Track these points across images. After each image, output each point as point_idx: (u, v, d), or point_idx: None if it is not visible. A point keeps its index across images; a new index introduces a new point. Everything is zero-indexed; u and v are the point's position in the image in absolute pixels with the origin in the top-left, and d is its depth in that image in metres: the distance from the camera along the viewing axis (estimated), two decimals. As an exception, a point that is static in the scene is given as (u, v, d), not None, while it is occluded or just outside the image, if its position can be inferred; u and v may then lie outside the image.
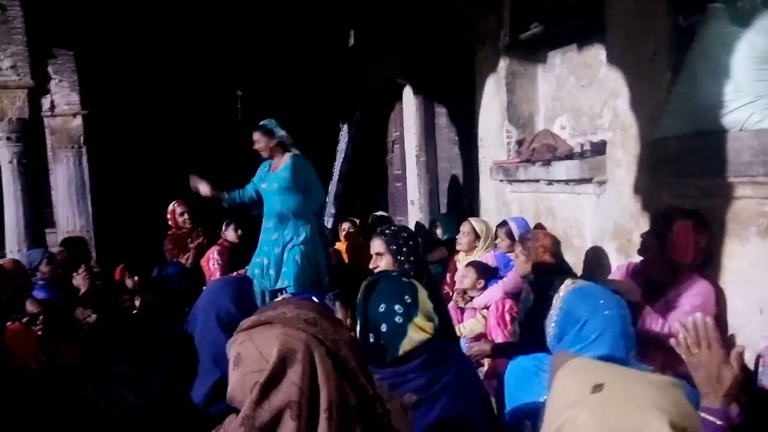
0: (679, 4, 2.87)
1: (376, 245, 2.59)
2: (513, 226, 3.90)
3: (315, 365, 1.02)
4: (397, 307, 1.63)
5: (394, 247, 2.49)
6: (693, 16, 2.83)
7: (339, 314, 2.76)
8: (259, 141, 4.12)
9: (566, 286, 1.94)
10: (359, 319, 1.71)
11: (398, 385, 1.55)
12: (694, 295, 2.51)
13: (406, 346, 1.60)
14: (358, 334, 1.69)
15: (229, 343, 1.09)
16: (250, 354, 1.03)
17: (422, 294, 1.70)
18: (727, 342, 1.62)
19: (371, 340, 1.63)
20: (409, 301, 1.65)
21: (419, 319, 1.63)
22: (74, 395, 2.02)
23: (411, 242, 2.55)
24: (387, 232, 2.52)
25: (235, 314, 1.83)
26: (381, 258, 2.51)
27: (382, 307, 1.64)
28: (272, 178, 4.13)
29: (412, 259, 2.56)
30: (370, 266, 2.64)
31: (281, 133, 4.16)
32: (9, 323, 2.54)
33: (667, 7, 2.88)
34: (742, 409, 1.48)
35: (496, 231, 4.10)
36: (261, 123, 4.21)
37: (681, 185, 2.80)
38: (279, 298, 3.20)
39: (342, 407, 1.01)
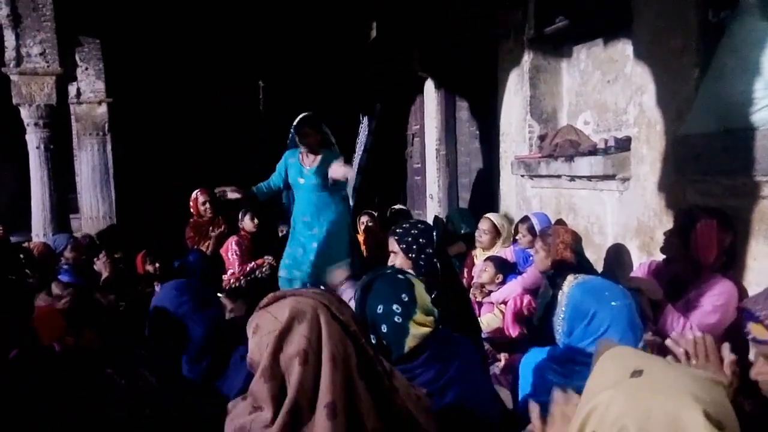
0: (709, -1, 2.82)
1: (390, 244, 2.62)
2: (535, 221, 3.88)
3: (321, 323, 1.14)
4: (395, 307, 1.62)
5: (404, 246, 2.50)
6: (723, 11, 2.78)
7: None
8: (310, 135, 4.07)
9: (569, 281, 1.95)
10: (361, 321, 1.71)
11: (409, 380, 1.53)
12: (716, 295, 2.48)
13: (410, 342, 1.60)
14: None
15: (249, 320, 1.20)
16: (265, 320, 1.16)
17: (419, 288, 1.69)
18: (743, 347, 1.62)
19: (373, 341, 1.63)
20: (406, 299, 1.63)
21: (419, 316, 1.63)
22: (95, 373, 2.06)
23: (422, 238, 2.55)
24: (398, 230, 2.53)
25: (181, 298, 1.96)
26: (396, 256, 2.52)
27: (380, 309, 1.63)
28: (311, 173, 4.12)
29: (423, 255, 2.55)
30: (389, 264, 2.65)
31: (326, 129, 4.16)
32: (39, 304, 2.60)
33: (696, 2, 2.83)
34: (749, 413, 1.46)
35: (516, 226, 4.08)
36: (308, 116, 4.13)
37: (706, 183, 2.76)
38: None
39: (344, 361, 1.13)
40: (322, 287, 3.11)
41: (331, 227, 4.12)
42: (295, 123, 4.16)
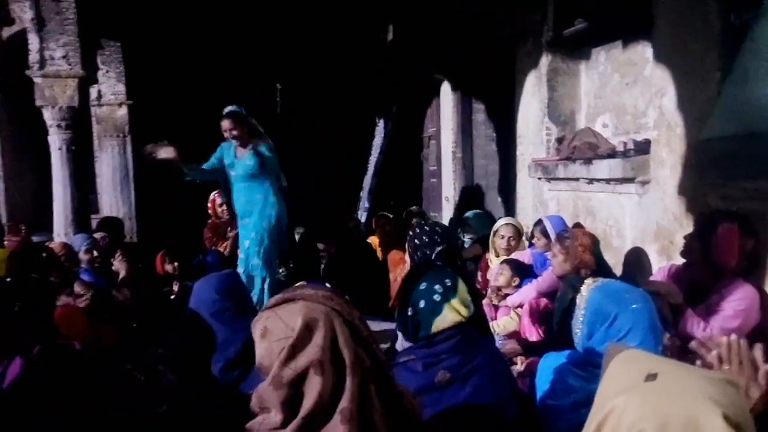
0: (732, 1, 2.78)
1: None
2: (548, 224, 3.84)
3: (335, 330, 1.14)
4: (437, 287, 1.75)
5: (410, 250, 2.61)
6: (746, 14, 2.74)
7: None
8: (234, 129, 4.16)
9: (588, 285, 1.95)
10: (403, 297, 1.84)
11: (432, 364, 1.67)
12: (737, 300, 2.45)
13: (439, 323, 1.71)
14: (398, 312, 1.84)
15: (254, 321, 1.20)
16: (276, 325, 1.15)
17: (462, 284, 1.81)
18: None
19: (409, 313, 1.76)
20: (449, 284, 1.76)
21: (456, 302, 1.74)
22: (114, 369, 2.10)
23: (427, 239, 2.58)
24: (410, 234, 2.63)
25: (219, 300, 1.96)
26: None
27: (423, 285, 1.77)
28: (241, 164, 4.19)
29: (419, 253, 2.59)
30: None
31: (252, 120, 4.24)
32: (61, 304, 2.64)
33: (718, 4, 2.80)
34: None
35: (532, 230, 4.05)
36: (230, 110, 4.22)
37: (728, 187, 2.73)
38: (297, 284, 3.29)
39: (358, 366, 1.13)
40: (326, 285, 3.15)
41: (263, 219, 4.16)
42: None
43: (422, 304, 1.74)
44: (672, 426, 0.75)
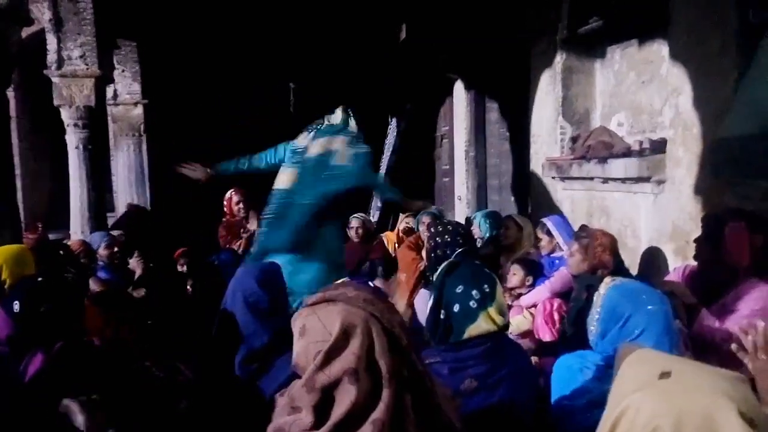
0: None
1: None
2: (550, 224, 3.79)
3: (373, 338, 1.12)
4: (474, 292, 1.64)
5: (428, 249, 2.55)
6: (765, 12, 2.72)
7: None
8: None
9: (606, 284, 1.93)
10: (434, 294, 1.73)
11: (458, 370, 1.58)
12: (753, 300, 2.43)
13: (472, 331, 1.61)
14: (429, 310, 1.72)
15: (295, 316, 1.19)
16: (314, 326, 1.14)
17: (500, 288, 1.71)
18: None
19: (441, 317, 1.66)
20: (487, 290, 1.66)
21: (493, 310, 1.64)
22: (133, 366, 2.13)
23: (449, 238, 2.56)
24: (429, 232, 2.57)
25: (259, 293, 1.92)
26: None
27: (459, 288, 1.65)
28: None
29: (433, 255, 2.57)
30: None
31: None
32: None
33: (737, 2, 2.78)
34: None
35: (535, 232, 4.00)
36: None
37: (745, 186, 2.71)
38: (339, 281, 3.26)
39: (394, 377, 1.11)
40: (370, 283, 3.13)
41: None
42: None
43: (456, 308, 1.64)
44: (688, 422, 0.76)
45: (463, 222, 5.74)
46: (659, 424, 0.77)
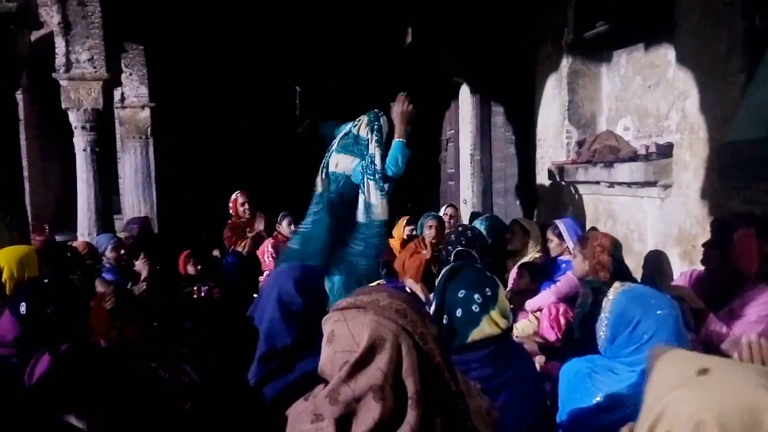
0: (756, 4, 2.75)
1: None
2: (562, 227, 3.79)
3: (401, 355, 1.06)
4: (476, 296, 1.63)
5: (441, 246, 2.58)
6: (771, 16, 2.71)
7: None
8: None
9: (615, 288, 1.93)
10: (437, 299, 1.72)
11: (462, 373, 1.54)
12: (762, 304, 2.42)
13: (476, 335, 1.61)
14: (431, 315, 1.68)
15: (324, 319, 1.14)
16: (342, 334, 1.09)
17: (502, 291, 1.70)
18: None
19: (444, 322, 1.65)
20: (489, 293, 1.65)
21: (495, 313, 1.63)
22: (139, 368, 2.13)
23: (453, 237, 2.57)
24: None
25: (294, 295, 1.87)
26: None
27: (461, 293, 1.65)
28: None
29: (444, 253, 2.58)
30: None
31: None
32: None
33: (743, 7, 2.77)
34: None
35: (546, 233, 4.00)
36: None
37: (752, 191, 2.70)
38: (374, 284, 3.21)
39: (425, 398, 1.05)
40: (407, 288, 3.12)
41: None
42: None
43: (459, 312, 1.63)
44: (731, 415, 0.76)
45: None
46: (703, 418, 0.77)
